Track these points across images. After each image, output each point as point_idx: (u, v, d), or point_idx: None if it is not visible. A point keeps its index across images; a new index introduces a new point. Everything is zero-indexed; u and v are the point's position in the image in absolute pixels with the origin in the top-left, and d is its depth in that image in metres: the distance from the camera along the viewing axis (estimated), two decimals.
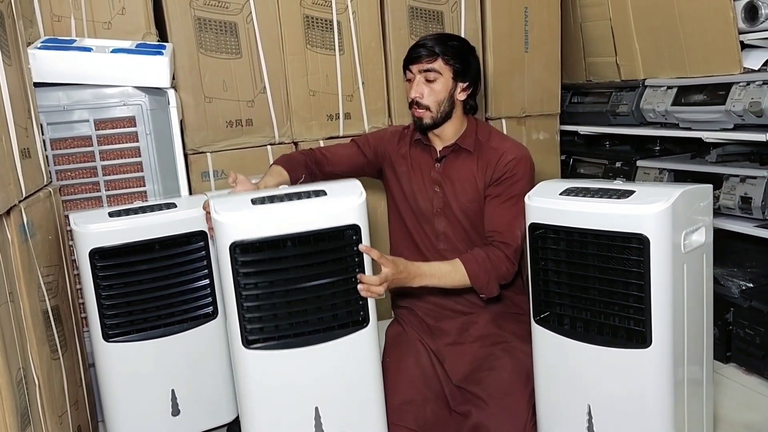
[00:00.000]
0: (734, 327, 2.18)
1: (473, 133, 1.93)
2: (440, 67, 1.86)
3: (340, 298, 1.59)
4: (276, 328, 1.55)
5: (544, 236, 1.65)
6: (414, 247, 2.01)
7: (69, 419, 1.75)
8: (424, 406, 1.82)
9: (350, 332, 1.61)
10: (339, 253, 1.57)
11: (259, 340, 1.54)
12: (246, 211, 1.51)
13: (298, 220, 1.51)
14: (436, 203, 1.94)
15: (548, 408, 1.72)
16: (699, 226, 1.56)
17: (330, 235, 1.54)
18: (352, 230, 1.56)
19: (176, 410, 1.87)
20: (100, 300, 1.76)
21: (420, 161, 1.98)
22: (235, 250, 1.48)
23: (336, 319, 1.59)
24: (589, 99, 2.82)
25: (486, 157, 1.90)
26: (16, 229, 1.52)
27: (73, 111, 1.95)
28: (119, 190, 2.03)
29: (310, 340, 1.57)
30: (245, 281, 1.51)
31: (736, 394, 2.04)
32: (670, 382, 1.52)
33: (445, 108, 1.88)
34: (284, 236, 1.50)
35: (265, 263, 1.52)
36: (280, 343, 1.55)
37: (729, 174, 2.19)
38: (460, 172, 1.92)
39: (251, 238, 1.48)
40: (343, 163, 2.06)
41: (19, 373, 1.44)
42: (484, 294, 1.84)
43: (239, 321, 1.52)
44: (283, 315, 1.55)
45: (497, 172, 1.87)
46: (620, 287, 1.54)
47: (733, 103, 2.05)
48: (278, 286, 1.54)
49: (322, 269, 1.56)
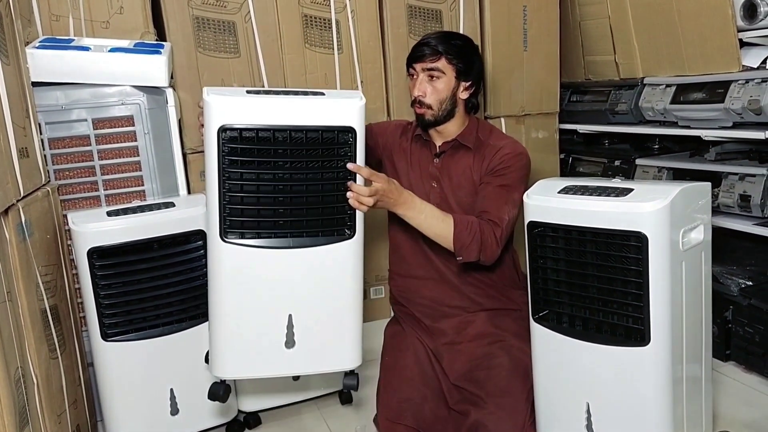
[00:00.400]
0: (733, 325, 2.18)
1: (474, 131, 1.93)
2: (443, 66, 1.86)
3: (328, 203, 1.53)
4: (257, 225, 1.48)
5: (542, 234, 1.65)
6: (413, 241, 2.00)
7: (68, 418, 1.75)
8: (423, 404, 1.82)
9: (335, 241, 1.55)
10: (332, 156, 1.50)
11: (237, 234, 1.48)
12: (239, 98, 1.44)
13: (292, 113, 1.44)
14: (433, 198, 1.94)
15: (547, 406, 1.72)
16: (697, 224, 1.56)
17: (324, 134, 1.47)
18: (349, 133, 1.50)
19: (175, 409, 1.87)
20: (98, 299, 1.75)
21: (419, 156, 1.98)
22: (224, 133, 1.41)
23: (321, 225, 1.53)
24: (588, 97, 2.82)
25: (483, 152, 1.91)
26: (14, 228, 1.51)
27: (72, 110, 1.95)
28: (117, 190, 2.03)
29: (292, 242, 1.50)
30: (230, 170, 1.44)
31: (735, 392, 2.04)
32: (668, 380, 1.52)
33: (447, 106, 1.88)
34: (277, 127, 1.43)
35: (252, 154, 1.44)
36: (259, 241, 1.48)
37: (728, 172, 2.19)
38: (458, 167, 1.92)
39: (240, 125, 1.41)
40: None
41: (17, 372, 1.44)
42: (461, 256, 1.78)
43: (219, 211, 1.46)
44: (267, 212, 1.48)
45: (492, 163, 1.88)
46: (619, 285, 1.54)
47: (731, 101, 2.05)
48: (264, 181, 1.47)
49: (312, 170, 1.49)
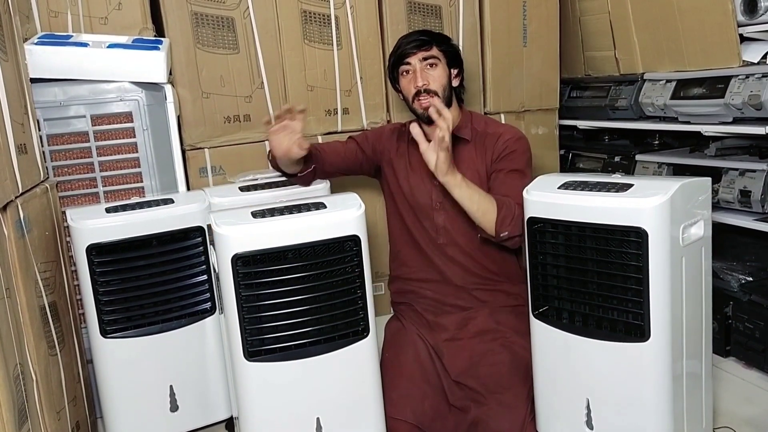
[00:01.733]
0: (733, 321, 2.18)
1: (469, 123, 1.94)
2: (437, 53, 1.91)
3: (340, 308, 1.60)
4: (278, 340, 1.56)
5: (542, 230, 1.65)
6: (414, 243, 2.01)
7: (67, 415, 1.75)
8: (423, 400, 1.82)
9: (351, 342, 1.62)
10: (340, 264, 1.58)
11: (261, 351, 1.56)
12: (250, 226, 1.54)
13: (301, 232, 1.54)
14: (435, 197, 1.94)
15: (547, 402, 1.72)
16: (698, 219, 1.56)
17: (330, 246, 1.56)
18: (353, 240, 1.58)
19: (174, 406, 1.87)
20: (97, 296, 1.75)
21: (418, 156, 1.95)
22: (238, 261, 1.50)
23: (336, 330, 1.61)
24: (587, 93, 2.82)
25: (484, 143, 1.92)
26: (12, 224, 1.51)
27: (70, 107, 1.94)
28: (116, 186, 2.03)
29: (310, 351, 1.58)
30: (247, 293, 1.53)
31: (735, 388, 2.04)
32: (668, 376, 1.51)
33: (448, 94, 1.91)
34: (288, 248, 1.53)
35: (267, 275, 1.54)
36: (281, 355, 1.57)
37: (728, 167, 2.18)
38: (459, 162, 1.92)
39: (254, 251, 1.51)
40: (340, 161, 2.06)
41: (16, 369, 1.43)
42: (502, 231, 1.79)
43: (241, 333, 1.53)
44: (284, 327, 1.56)
45: (497, 151, 1.90)
46: (619, 281, 1.54)
47: (732, 97, 2.05)
48: (281, 298, 1.55)
49: (322, 280, 1.57)
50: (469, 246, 1.95)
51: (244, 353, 1.54)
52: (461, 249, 1.96)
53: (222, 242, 1.51)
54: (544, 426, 1.75)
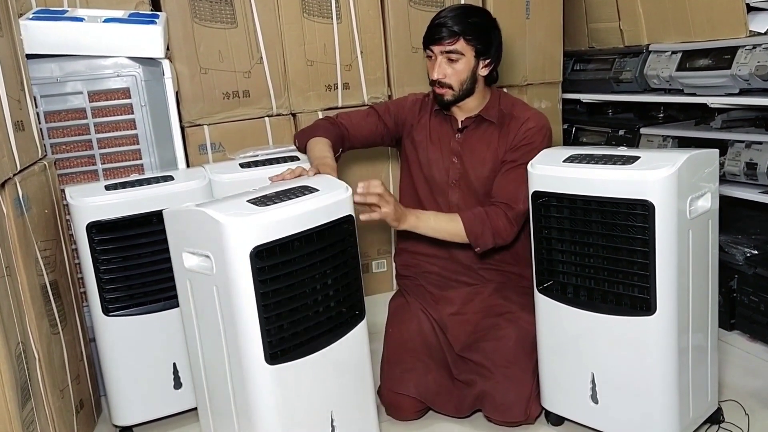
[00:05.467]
0: (738, 294, 2.16)
1: (496, 104, 1.90)
2: (462, 47, 1.81)
3: (344, 293, 1.53)
4: (297, 335, 1.44)
5: (547, 204, 1.63)
6: None
7: (71, 393, 1.75)
8: (426, 374, 1.82)
9: (352, 327, 1.55)
10: (339, 247, 1.51)
11: (284, 350, 1.42)
12: (262, 216, 1.37)
13: (303, 219, 1.42)
14: (452, 174, 1.92)
15: (552, 377, 1.72)
16: (705, 192, 1.54)
17: (330, 229, 1.47)
18: (347, 223, 1.52)
19: (178, 383, 1.86)
20: (98, 274, 1.73)
21: (439, 132, 1.95)
22: (257, 255, 1.35)
23: (341, 315, 1.53)
24: (591, 66, 2.78)
25: (507, 126, 1.88)
26: (11, 203, 1.49)
27: (67, 83, 1.91)
28: (115, 164, 2.00)
29: (323, 342, 1.48)
30: (265, 289, 1.37)
31: (740, 361, 2.03)
32: (674, 350, 1.51)
33: (468, 86, 1.86)
34: (297, 236, 1.40)
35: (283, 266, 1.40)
36: (299, 352, 1.44)
37: (734, 140, 2.15)
38: (481, 143, 1.90)
39: (270, 241, 1.36)
40: (364, 134, 2.01)
41: (18, 347, 1.43)
42: (478, 247, 1.82)
43: (262, 336, 1.37)
44: (301, 320, 1.44)
45: (516, 138, 1.86)
46: (624, 254, 1.52)
47: (738, 67, 2.01)
48: (297, 290, 1.43)
49: (328, 265, 1.49)
50: None
51: (266, 357, 1.38)
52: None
53: (236, 235, 1.34)
54: (548, 400, 1.75)
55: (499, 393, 1.74)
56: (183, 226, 1.46)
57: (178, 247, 1.47)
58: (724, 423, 1.69)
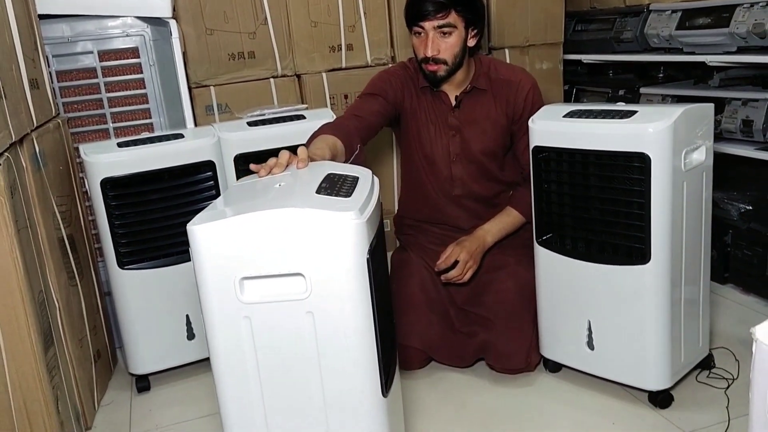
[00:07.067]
0: (732, 248, 2.22)
1: (482, 71, 1.91)
2: (454, 19, 1.78)
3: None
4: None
5: (547, 159, 1.68)
6: (425, 194, 1.99)
7: (89, 342, 1.82)
8: (429, 327, 1.88)
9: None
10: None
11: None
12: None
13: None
14: (453, 149, 1.93)
15: (550, 325, 1.79)
16: (699, 145, 1.58)
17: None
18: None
19: (191, 334, 1.93)
20: (113, 228, 1.79)
21: (433, 109, 1.94)
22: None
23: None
24: (593, 26, 2.80)
25: (502, 92, 1.89)
26: (29, 157, 1.55)
27: (77, 42, 1.95)
28: (125, 123, 2.05)
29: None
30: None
31: (733, 312, 2.10)
32: (667, 297, 1.57)
33: (459, 59, 1.84)
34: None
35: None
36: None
37: (731, 98, 2.19)
38: (479, 113, 1.92)
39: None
40: (381, 120, 1.89)
41: (40, 294, 1.49)
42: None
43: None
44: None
45: (518, 105, 1.89)
46: (621, 206, 1.58)
47: (736, 25, 2.04)
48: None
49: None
50: (484, 194, 1.97)
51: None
52: (476, 198, 1.98)
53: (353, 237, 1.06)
54: (547, 348, 1.82)
55: (501, 342, 1.81)
56: (241, 243, 1.05)
57: (224, 277, 1.06)
58: (715, 368, 1.77)
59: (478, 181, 1.96)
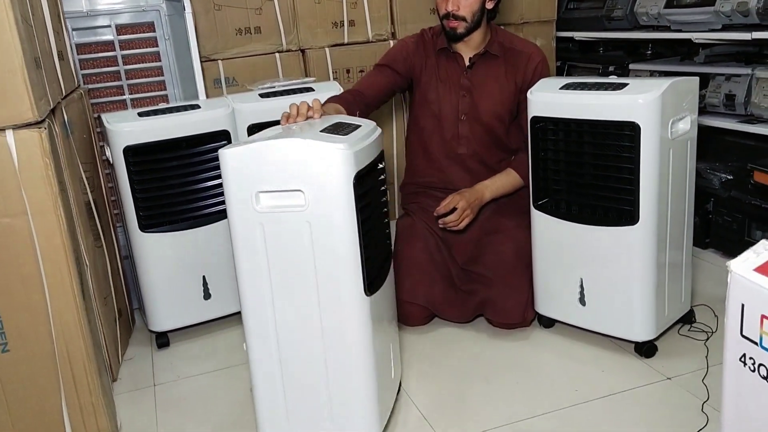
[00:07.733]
0: (714, 215, 2.36)
1: (497, 39, 2.05)
2: None
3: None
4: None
5: (544, 128, 1.80)
6: (429, 155, 2.13)
7: (113, 301, 1.93)
8: (432, 286, 2.01)
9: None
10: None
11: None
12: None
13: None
14: (462, 108, 2.06)
15: (545, 283, 1.92)
16: (685, 115, 1.71)
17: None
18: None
19: (207, 294, 2.04)
20: (135, 194, 1.89)
21: (446, 69, 2.07)
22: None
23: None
24: (585, 5, 2.91)
25: (513, 61, 2.03)
26: (59, 125, 1.64)
27: (96, 17, 2.03)
28: (142, 94, 2.14)
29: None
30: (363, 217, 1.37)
31: (713, 274, 2.24)
32: (653, 256, 1.70)
33: (478, 18, 1.98)
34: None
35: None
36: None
37: (715, 73, 2.32)
38: (489, 77, 2.05)
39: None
40: (381, 88, 2.06)
41: (76, 252, 1.59)
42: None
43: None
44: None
45: (527, 74, 2.02)
46: (613, 171, 1.70)
47: (721, 4, 2.16)
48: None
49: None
50: (487, 156, 2.10)
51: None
52: (480, 159, 2.10)
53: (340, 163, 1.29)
54: (542, 305, 1.96)
55: (500, 299, 1.94)
56: (257, 164, 1.30)
57: (245, 190, 1.32)
58: (696, 323, 1.91)
59: (483, 142, 2.09)
